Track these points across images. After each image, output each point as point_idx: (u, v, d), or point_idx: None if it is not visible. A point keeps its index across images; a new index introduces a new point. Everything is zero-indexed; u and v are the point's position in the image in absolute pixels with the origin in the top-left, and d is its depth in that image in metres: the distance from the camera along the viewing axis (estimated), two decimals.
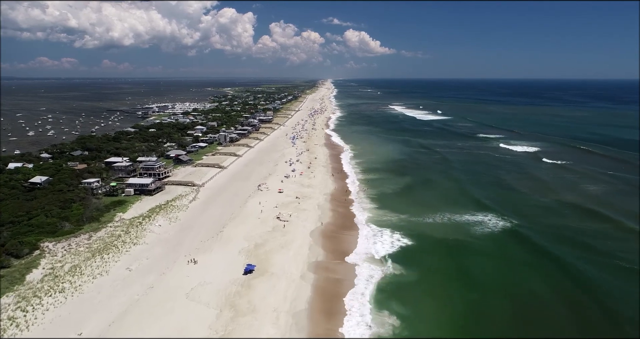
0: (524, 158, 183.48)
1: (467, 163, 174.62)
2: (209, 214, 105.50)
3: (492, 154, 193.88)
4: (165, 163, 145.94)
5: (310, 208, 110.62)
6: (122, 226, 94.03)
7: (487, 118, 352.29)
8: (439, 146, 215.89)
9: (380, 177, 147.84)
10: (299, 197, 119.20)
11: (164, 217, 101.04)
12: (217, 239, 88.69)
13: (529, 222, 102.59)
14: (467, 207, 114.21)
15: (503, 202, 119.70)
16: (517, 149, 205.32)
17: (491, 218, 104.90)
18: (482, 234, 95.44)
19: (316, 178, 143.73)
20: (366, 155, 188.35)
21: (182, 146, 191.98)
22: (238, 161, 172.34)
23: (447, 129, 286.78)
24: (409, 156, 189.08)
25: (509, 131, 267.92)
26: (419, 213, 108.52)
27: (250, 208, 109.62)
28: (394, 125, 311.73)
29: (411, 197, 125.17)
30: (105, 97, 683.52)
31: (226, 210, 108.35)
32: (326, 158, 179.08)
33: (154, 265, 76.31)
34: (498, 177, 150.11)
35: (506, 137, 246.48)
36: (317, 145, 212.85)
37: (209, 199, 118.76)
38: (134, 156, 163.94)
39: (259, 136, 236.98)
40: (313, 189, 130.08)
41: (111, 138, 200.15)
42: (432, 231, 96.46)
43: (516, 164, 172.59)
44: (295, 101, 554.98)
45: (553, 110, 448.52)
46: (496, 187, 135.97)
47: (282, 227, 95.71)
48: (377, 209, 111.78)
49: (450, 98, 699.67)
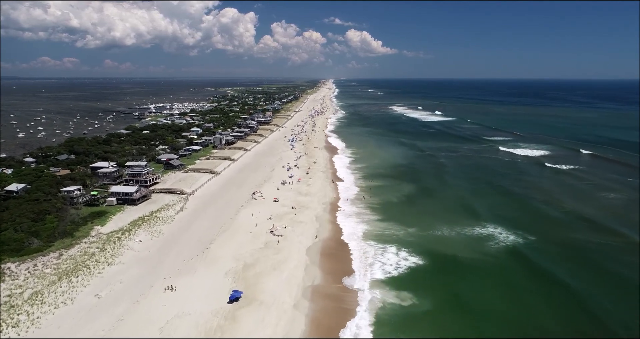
0: (532, 163, 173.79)
1: (472, 169, 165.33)
2: (196, 227, 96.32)
3: (499, 159, 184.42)
4: (154, 169, 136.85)
5: (307, 220, 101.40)
6: (98, 242, 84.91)
7: (491, 119, 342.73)
8: (443, 149, 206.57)
9: (383, 184, 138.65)
10: (295, 208, 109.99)
11: (146, 231, 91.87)
12: (202, 258, 79.50)
13: (541, 238, 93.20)
14: (476, 218, 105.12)
15: (513, 213, 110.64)
16: (524, 153, 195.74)
17: (501, 231, 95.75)
18: (497, 251, 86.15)
19: (315, 185, 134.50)
20: (368, 159, 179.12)
21: (175, 149, 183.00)
22: (233, 165, 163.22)
23: (451, 132, 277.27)
24: (412, 160, 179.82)
25: (514, 134, 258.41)
26: (425, 226, 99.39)
27: (242, 220, 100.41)
28: (396, 127, 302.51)
29: (416, 207, 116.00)
30: (103, 97, 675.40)
31: (215, 222, 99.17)
32: (326, 162, 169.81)
33: (128, 291, 67.11)
34: (506, 184, 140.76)
35: (512, 140, 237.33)
36: (317, 148, 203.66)
37: (198, 209, 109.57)
38: (123, 160, 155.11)
39: (257, 138, 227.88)
40: (311, 197, 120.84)
41: (101, 141, 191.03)
42: (442, 248, 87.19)
43: (524, 170, 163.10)
44: (295, 101, 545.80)
45: (557, 111, 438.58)
46: (504, 197, 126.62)
47: (275, 244, 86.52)
48: (380, 221, 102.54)
49: (452, 98, 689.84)
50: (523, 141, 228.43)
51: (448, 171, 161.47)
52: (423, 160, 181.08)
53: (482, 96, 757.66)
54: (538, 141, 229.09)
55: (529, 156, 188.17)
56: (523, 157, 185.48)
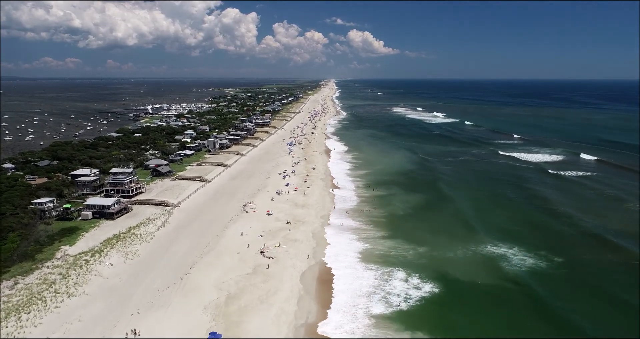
0: (544, 170, 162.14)
1: (481, 176, 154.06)
2: (177, 246, 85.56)
3: (510, 165, 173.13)
4: (138, 177, 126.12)
5: (303, 238, 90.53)
6: (63, 267, 74.22)
7: (498, 122, 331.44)
8: (450, 154, 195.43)
9: (387, 194, 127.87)
10: (290, 223, 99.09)
11: (120, 252, 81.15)
12: (180, 287, 68.71)
13: (565, 261, 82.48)
14: (490, 234, 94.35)
15: (528, 229, 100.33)
16: (538, 159, 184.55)
17: (519, 252, 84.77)
18: (518, 275, 75.17)
19: (313, 195, 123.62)
20: (370, 164, 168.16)
21: (166, 154, 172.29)
22: (225, 172, 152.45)
23: (456, 135, 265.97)
24: (417, 166, 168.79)
25: (522, 137, 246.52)
26: (437, 244, 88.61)
27: (230, 239, 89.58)
28: (399, 129, 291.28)
29: (424, 220, 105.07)
30: (102, 97, 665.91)
31: (200, 241, 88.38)
32: (325, 169, 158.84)
33: (85, 332, 56.37)
34: (518, 195, 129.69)
35: (522, 144, 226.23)
36: (316, 152, 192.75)
37: (182, 224, 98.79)
38: (108, 166, 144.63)
39: (253, 141, 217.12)
40: (308, 210, 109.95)
41: (88, 145, 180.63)
42: (457, 272, 76.27)
43: (537, 178, 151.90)
44: (296, 102, 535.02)
45: (567, 113, 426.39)
46: (518, 209, 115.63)
47: (265, 268, 75.71)
48: (385, 238, 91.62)
49: (456, 99, 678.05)
50: (533, 145, 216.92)
51: (455, 178, 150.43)
52: (428, 166, 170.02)
53: (486, 97, 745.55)
54: (548, 145, 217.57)
55: (541, 162, 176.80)
56: (534, 164, 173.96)
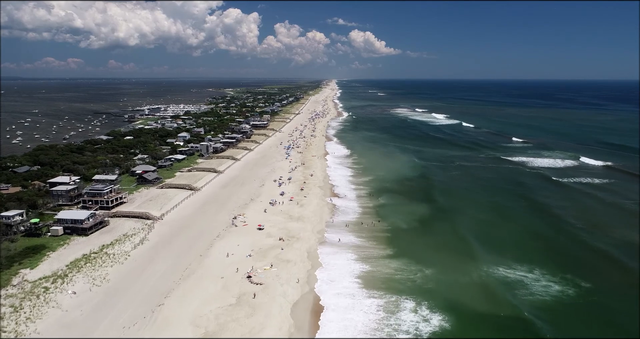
0: (559, 178, 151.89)
1: (491, 184, 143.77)
2: (153, 269, 75.60)
3: (520, 170, 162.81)
4: (119, 186, 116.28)
5: (296, 258, 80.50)
6: (17, 296, 64.35)
7: (504, 123, 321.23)
8: (457, 158, 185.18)
9: (391, 203, 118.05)
10: (282, 240, 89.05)
11: (87, 277, 71.23)
12: (150, 323, 58.78)
13: (597, 287, 72.24)
14: (506, 253, 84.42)
15: (548, 245, 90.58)
16: (547, 164, 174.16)
17: (541, 276, 74.64)
18: (543, 304, 64.99)
19: (309, 205, 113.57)
20: (373, 170, 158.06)
21: (156, 158, 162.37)
22: (217, 179, 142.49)
23: (461, 138, 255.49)
24: (423, 172, 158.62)
25: (530, 140, 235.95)
26: (446, 265, 78.81)
27: (214, 259, 79.60)
28: (401, 131, 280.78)
29: (432, 236, 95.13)
30: (100, 98, 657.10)
31: (180, 262, 78.46)
32: (324, 175, 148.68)
33: None
34: (535, 204, 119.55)
35: (534, 146, 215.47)
36: (315, 157, 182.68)
37: (162, 241, 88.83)
38: (91, 173, 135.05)
39: (249, 145, 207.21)
40: (304, 223, 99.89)
41: (74, 149, 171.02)
42: (473, 301, 66.44)
43: (551, 184, 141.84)
44: (296, 102, 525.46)
45: (574, 114, 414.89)
46: (535, 222, 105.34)
47: (251, 298, 65.70)
48: (390, 258, 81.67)
49: (459, 100, 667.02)
50: (541, 149, 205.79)
51: (462, 186, 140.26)
52: (433, 172, 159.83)
53: (489, 98, 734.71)
54: (557, 148, 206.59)
55: (551, 168, 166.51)
56: (544, 170, 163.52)
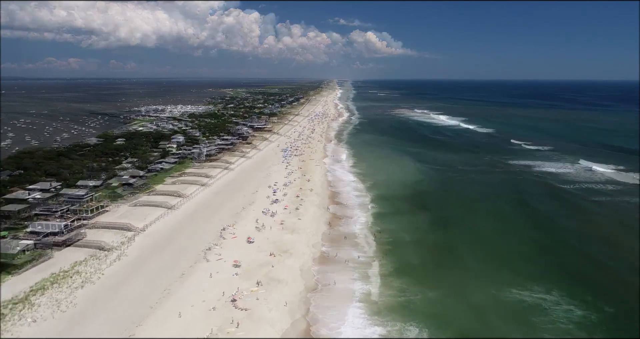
0: (575, 183, 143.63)
1: (499, 191, 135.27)
2: (128, 291, 67.77)
3: (530, 176, 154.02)
4: (100, 194, 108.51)
5: (288, 277, 72.55)
6: None
7: (511, 124, 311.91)
8: (461, 162, 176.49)
9: (394, 211, 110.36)
10: (274, 255, 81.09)
11: (52, 301, 63.30)
12: None
13: (615, 310, 64.32)
14: (519, 271, 76.48)
15: (568, 263, 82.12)
16: (561, 169, 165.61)
17: (561, 299, 66.50)
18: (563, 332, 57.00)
19: (305, 215, 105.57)
20: (375, 175, 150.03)
21: (143, 167, 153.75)
22: (203, 194, 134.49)
23: (467, 139, 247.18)
24: (427, 177, 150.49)
25: (541, 142, 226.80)
26: (452, 285, 71.43)
27: (197, 278, 71.70)
28: (404, 133, 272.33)
29: (439, 250, 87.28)
30: (99, 98, 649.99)
31: (159, 281, 70.61)
32: (323, 181, 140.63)
33: None
34: (552, 216, 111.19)
35: (541, 150, 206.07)
36: (314, 161, 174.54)
37: (142, 256, 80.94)
38: (73, 179, 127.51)
39: (246, 148, 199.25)
40: (298, 235, 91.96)
41: (60, 152, 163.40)
42: (483, 329, 58.29)
43: (567, 192, 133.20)
44: (297, 103, 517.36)
45: (581, 115, 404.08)
46: (552, 236, 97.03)
47: (235, 327, 57.76)
48: (390, 277, 73.86)
49: (462, 100, 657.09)
50: (553, 152, 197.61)
51: (470, 193, 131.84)
52: (438, 177, 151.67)
53: (492, 98, 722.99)
54: (569, 151, 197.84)
55: (563, 174, 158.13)
56: (556, 175, 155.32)
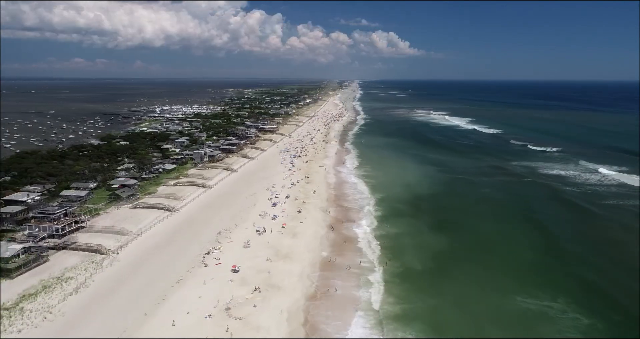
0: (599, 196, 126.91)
1: (527, 204, 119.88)
2: (77, 335, 56.10)
3: (555, 186, 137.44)
4: (77, 206, 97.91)
5: (270, 324, 59.54)
6: None
7: (533, 129, 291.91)
8: (481, 171, 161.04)
9: (407, 231, 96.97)
10: (259, 289, 68.33)
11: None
12: None
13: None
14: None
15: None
16: (583, 178, 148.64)
17: None
18: None
19: (304, 235, 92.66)
20: (388, 185, 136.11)
21: (142, 168, 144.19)
22: (204, 195, 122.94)
23: (488, 144, 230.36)
24: (446, 188, 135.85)
25: (566, 147, 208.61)
26: (457, 295, 65.10)
27: (162, 321, 59.37)
28: (423, 137, 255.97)
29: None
30: (116, 98, 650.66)
31: (114, 326, 58.70)
32: (329, 192, 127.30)
33: None
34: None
35: (567, 156, 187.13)
36: (322, 167, 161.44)
37: (104, 288, 69.30)
38: (63, 185, 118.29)
39: (251, 152, 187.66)
40: (292, 263, 79.02)
41: (55, 155, 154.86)
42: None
43: (603, 207, 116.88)
44: (313, 104, 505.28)
45: (604, 117, 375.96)
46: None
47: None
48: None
49: (483, 102, 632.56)
50: (579, 159, 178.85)
51: (489, 207, 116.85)
52: (458, 187, 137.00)
53: (515, 100, 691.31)
54: (593, 157, 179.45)
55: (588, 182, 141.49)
56: (583, 185, 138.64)
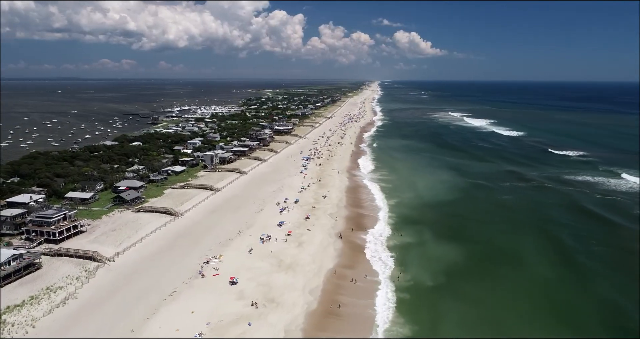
0: None
1: (550, 213, 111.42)
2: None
3: (588, 194, 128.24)
4: (70, 210, 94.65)
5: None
6: None
7: (561, 132, 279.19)
8: (506, 175, 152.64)
9: (421, 241, 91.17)
10: (256, 305, 63.19)
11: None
12: None
13: None
14: None
15: None
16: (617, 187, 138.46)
17: None
18: None
19: (310, 244, 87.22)
20: (403, 191, 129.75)
21: (152, 170, 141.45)
22: (210, 199, 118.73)
23: (513, 148, 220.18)
24: (467, 195, 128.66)
25: (595, 152, 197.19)
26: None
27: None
28: (442, 140, 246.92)
29: (464, 301, 66.57)
30: (137, 98, 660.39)
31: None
32: (341, 198, 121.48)
33: None
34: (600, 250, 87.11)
35: (597, 162, 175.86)
36: (336, 171, 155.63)
37: (94, 299, 65.38)
38: (67, 188, 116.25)
39: (264, 154, 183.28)
40: (294, 275, 73.69)
41: (69, 156, 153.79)
42: None
43: None
44: (332, 105, 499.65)
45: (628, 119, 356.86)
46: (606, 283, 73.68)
47: None
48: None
49: (507, 103, 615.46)
50: (609, 165, 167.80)
51: (511, 218, 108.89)
52: (479, 194, 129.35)
53: (539, 101, 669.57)
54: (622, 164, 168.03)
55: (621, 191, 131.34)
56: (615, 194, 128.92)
